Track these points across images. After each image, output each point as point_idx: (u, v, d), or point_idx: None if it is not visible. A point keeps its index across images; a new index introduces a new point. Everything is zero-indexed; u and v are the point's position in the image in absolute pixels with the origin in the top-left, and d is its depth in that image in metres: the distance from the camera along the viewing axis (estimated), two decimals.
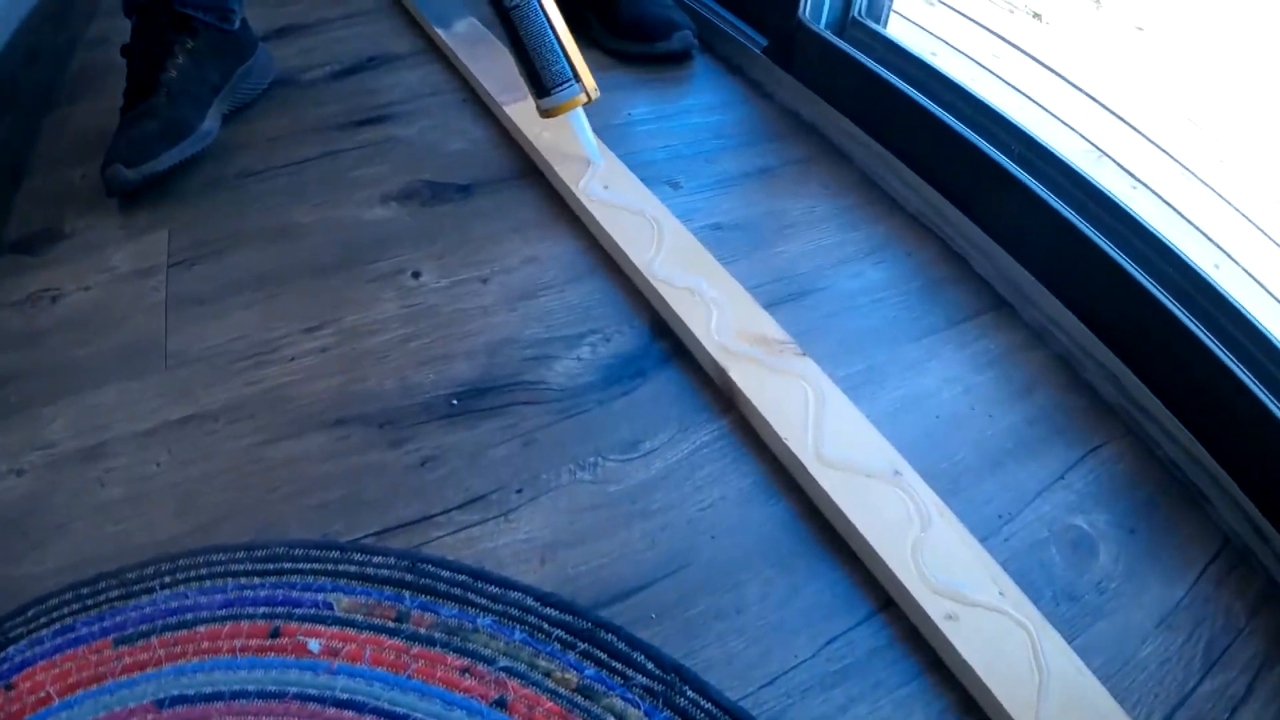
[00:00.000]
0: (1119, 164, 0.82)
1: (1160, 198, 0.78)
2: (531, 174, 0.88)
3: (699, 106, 1.02)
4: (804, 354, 0.67)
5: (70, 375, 0.64)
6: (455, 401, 0.63)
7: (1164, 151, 0.81)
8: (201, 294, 0.71)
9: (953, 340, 0.74)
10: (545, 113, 0.82)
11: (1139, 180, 0.80)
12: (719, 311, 0.70)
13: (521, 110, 0.93)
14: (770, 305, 0.73)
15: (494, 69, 0.99)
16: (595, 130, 0.91)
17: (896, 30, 0.99)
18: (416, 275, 0.75)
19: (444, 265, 0.76)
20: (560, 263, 0.77)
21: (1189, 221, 0.75)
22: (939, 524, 0.56)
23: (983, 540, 0.57)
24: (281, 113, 0.94)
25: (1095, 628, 0.54)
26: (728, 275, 0.74)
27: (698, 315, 0.69)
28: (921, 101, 0.86)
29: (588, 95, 0.80)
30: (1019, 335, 0.75)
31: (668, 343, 0.70)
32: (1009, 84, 0.91)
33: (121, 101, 0.83)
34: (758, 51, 1.06)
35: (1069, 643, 0.50)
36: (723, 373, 0.65)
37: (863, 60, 0.92)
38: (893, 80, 0.89)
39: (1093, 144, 0.84)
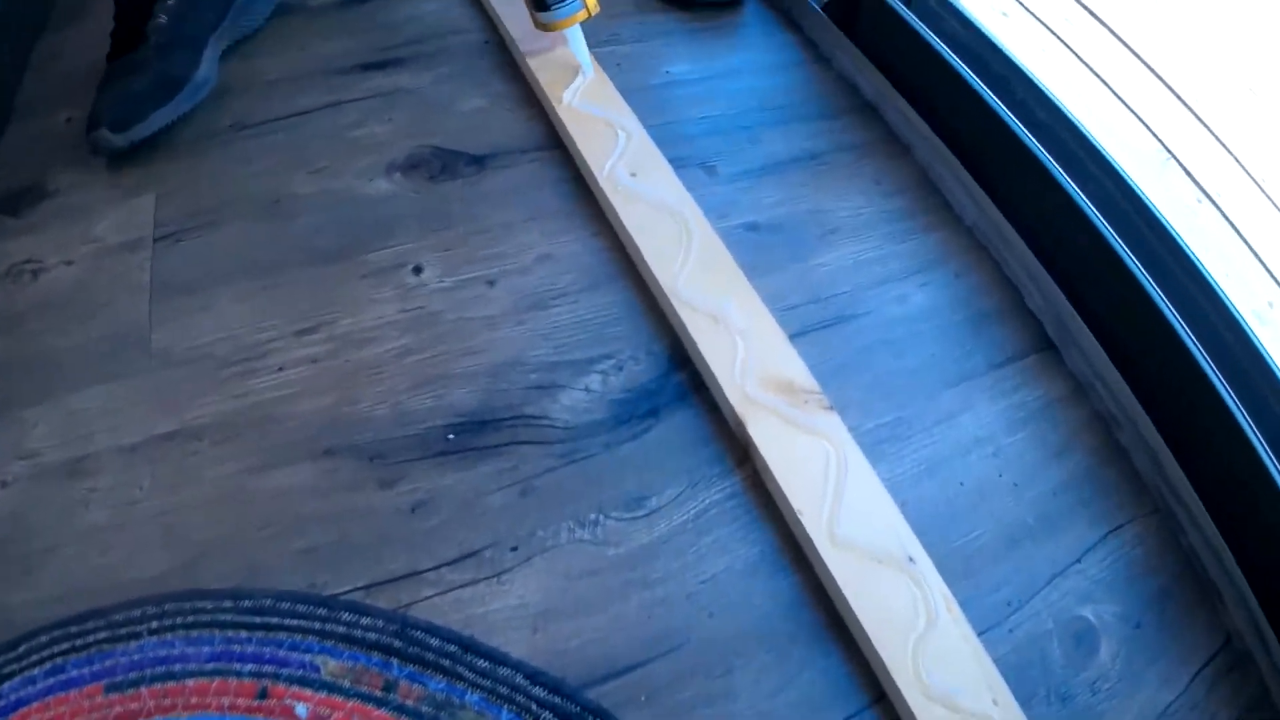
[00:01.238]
0: (1187, 170, 0.72)
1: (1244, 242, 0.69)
2: (554, 146, 0.80)
3: (748, 67, 0.91)
4: (830, 408, 0.62)
5: (53, 370, 0.60)
6: (451, 436, 0.60)
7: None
8: (188, 280, 0.66)
9: (990, 389, 0.69)
10: (543, 27, 0.77)
11: (1207, 194, 0.71)
12: (745, 346, 0.65)
13: (545, 64, 0.83)
14: (801, 333, 0.68)
15: (521, 8, 0.87)
16: (627, 93, 0.83)
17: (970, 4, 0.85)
18: (418, 271, 0.69)
19: (449, 259, 0.70)
20: (577, 265, 0.71)
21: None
22: (944, 620, 0.54)
23: (987, 630, 0.56)
24: (283, 48, 0.84)
25: None
26: (757, 299, 0.68)
27: (722, 350, 0.64)
28: (987, 98, 0.76)
29: (588, 11, 0.76)
30: (1059, 386, 0.70)
31: (686, 375, 0.65)
32: (1081, 59, 0.79)
33: (109, 46, 0.74)
34: (817, 8, 0.93)
35: None
36: (742, 426, 0.61)
37: (928, 38, 0.81)
38: (958, 67, 0.78)
39: (1164, 144, 0.73)
